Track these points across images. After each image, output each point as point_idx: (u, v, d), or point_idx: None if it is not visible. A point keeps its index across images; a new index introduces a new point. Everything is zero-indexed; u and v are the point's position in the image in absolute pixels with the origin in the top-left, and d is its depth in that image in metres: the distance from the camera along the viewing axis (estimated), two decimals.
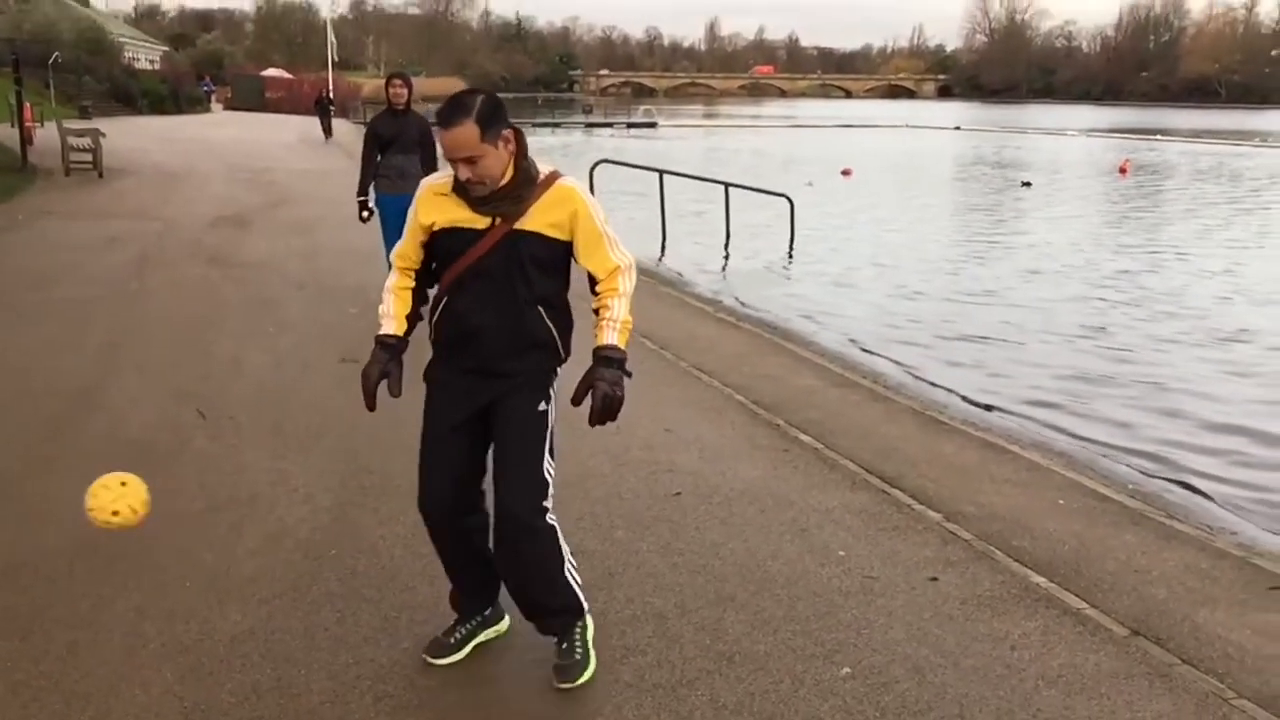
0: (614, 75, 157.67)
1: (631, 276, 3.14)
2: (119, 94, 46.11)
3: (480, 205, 3.00)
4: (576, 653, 3.25)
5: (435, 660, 3.30)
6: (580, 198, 3.06)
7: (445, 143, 2.89)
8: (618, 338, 3.06)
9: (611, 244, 3.09)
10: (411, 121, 8.26)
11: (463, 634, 3.37)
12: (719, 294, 11.68)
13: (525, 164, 3.02)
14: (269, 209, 15.72)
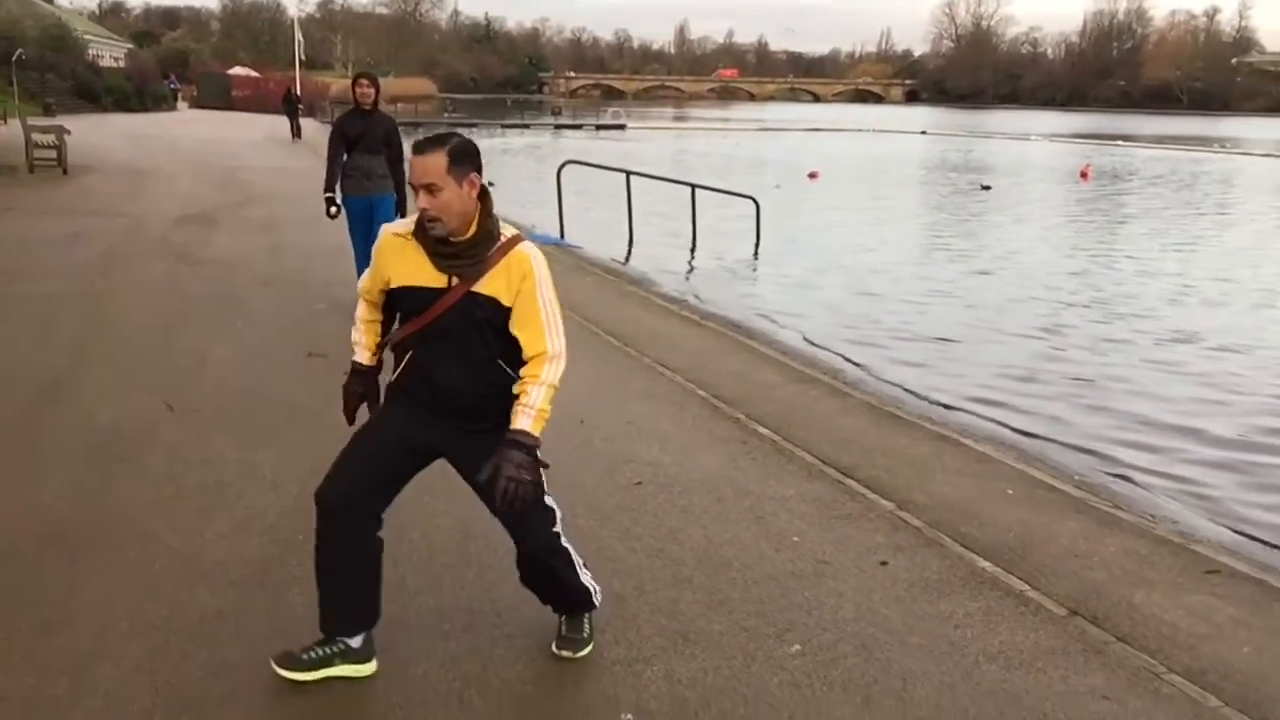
0: (583, 77, 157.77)
1: (558, 367, 3.04)
2: (83, 91, 45.73)
3: (440, 261, 2.99)
4: (583, 631, 3.46)
5: (281, 670, 3.14)
6: (534, 268, 3.01)
7: (414, 168, 2.91)
8: (532, 425, 2.97)
9: (549, 325, 3.04)
10: (378, 121, 8.27)
11: (317, 655, 3.18)
12: (684, 293, 11.82)
13: (489, 222, 3.01)
14: (236, 207, 15.72)
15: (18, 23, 49.02)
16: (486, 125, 57.44)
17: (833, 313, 11.20)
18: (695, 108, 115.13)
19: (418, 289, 3.02)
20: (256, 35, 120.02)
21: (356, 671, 3.20)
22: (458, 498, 4.67)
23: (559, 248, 13.99)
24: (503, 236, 3.03)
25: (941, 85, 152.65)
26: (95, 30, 69.67)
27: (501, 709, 3.12)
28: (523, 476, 2.93)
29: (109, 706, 3.03)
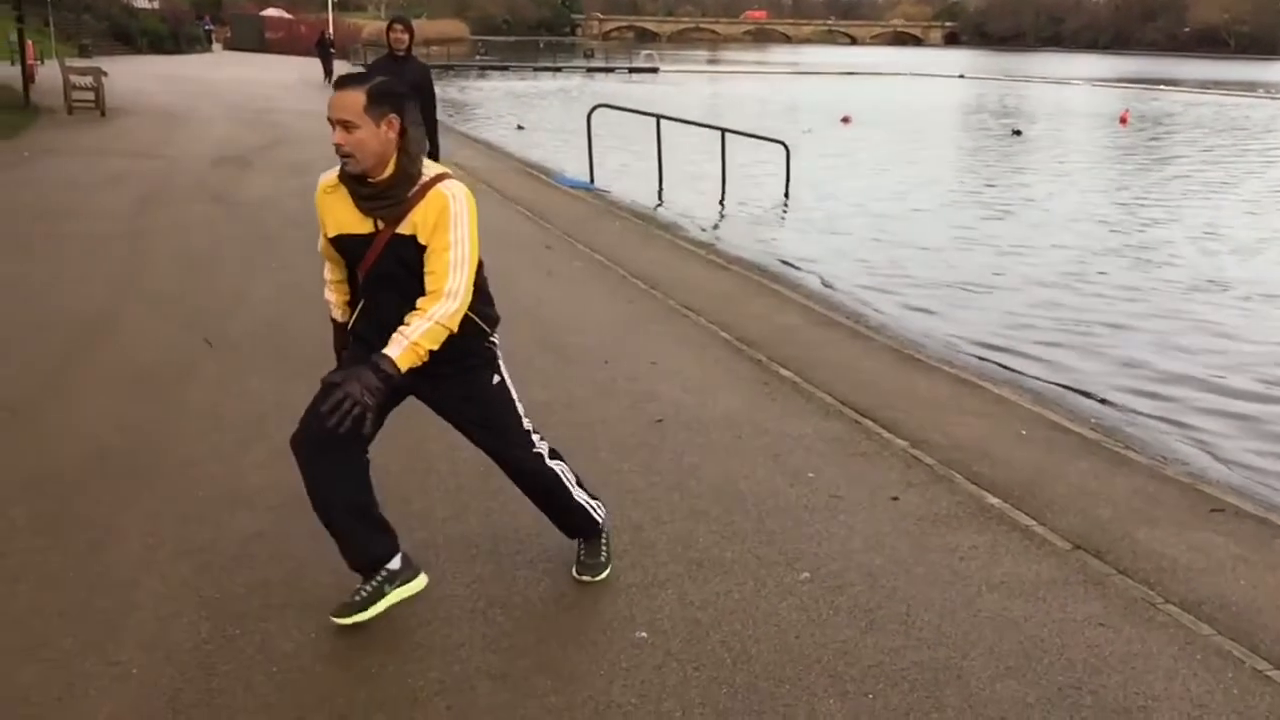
0: (616, 19, 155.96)
1: (450, 305, 2.95)
2: (118, 33, 45.92)
3: (361, 204, 3.01)
4: (601, 555, 3.63)
5: (340, 619, 3.17)
6: (449, 203, 2.98)
7: (333, 104, 2.92)
8: (400, 355, 2.89)
9: (455, 264, 2.97)
10: (411, 68, 8.29)
11: (367, 593, 3.21)
12: (711, 238, 11.91)
13: (406, 162, 2.99)
14: (269, 149, 15.89)
15: None
16: (518, 68, 57.17)
17: (858, 258, 11.27)
18: (730, 50, 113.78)
19: (349, 236, 3.06)
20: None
21: (411, 589, 3.27)
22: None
23: (588, 192, 14.09)
24: (425, 176, 3.02)
25: (982, 28, 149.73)
26: None
27: (523, 625, 3.31)
28: (365, 400, 2.81)
29: (157, 619, 3.24)
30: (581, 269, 8.66)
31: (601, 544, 3.66)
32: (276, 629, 3.22)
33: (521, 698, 2.95)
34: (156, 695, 2.88)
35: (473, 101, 35.27)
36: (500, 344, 3.38)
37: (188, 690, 2.91)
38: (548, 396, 5.45)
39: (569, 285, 8.05)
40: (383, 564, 3.24)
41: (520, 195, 12.68)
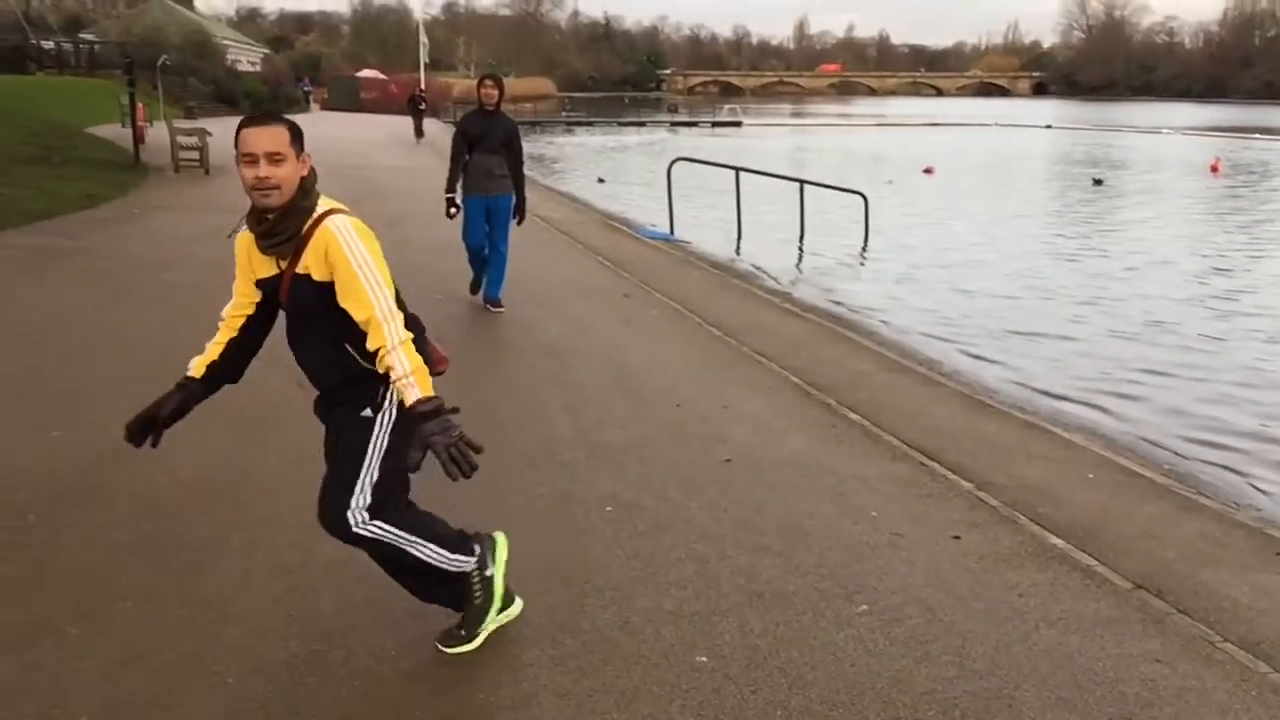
0: (701, 74, 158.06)
1: (395, 325, 2.93)
2: (222, 95, 47.88)
3: (260, 243, 3.04)
4: (460, 631, 3.42)
5: (454, 649, 3.38)
6: (337, 234, 2.95)
7: (257, 138, 2.93)
8: (418, 391, 2.89)
9: (371, 287, 2.94)
10: (500, 123, 8.50)
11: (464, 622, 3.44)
12: (787, 287, 12.07)
13: (299, 196, 2.99)
14: (360, 203, 16.32)
15: (162, 30, 51.69)
16: (603, 123, 58.26)
17: (933, 306, 11.31)
18: (814, 103, 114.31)
19: (264, 280, 3.11)
20: (385, 38, 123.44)
21: (507, 618, 3.49)
22: (558, 470, 5.10)
23: (668, 243, 14.37)
24: (318, 211, 3.01)
25: (1071, 78, 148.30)
26: (233, 36, 72.74)
27: (588, 648, 3.47)
28: (450, 437, 2.85)
29: (251, 633, 3.48)
30: (658, 316, 8.88)
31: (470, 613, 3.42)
32: (359, 646, 3.43)
33: (585, 714, 3.11)
34: (249, 703, 3.11)
35: (557, 156, 36.05)
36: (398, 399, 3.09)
37: (277, 700, 3.13)
38: (622, 437, 5.65)
39: (645, 332, 8.27)
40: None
41: (600, 246, 12.99)
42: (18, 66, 39.27)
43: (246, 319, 3.27)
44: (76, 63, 45.80)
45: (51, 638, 3.42)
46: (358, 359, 3.05)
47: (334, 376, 3.13)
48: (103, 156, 21.29)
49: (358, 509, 3.10)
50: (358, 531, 3.12)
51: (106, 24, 61.76)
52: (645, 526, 4.47)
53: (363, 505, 3.10)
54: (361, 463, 3.10)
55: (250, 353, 3.36)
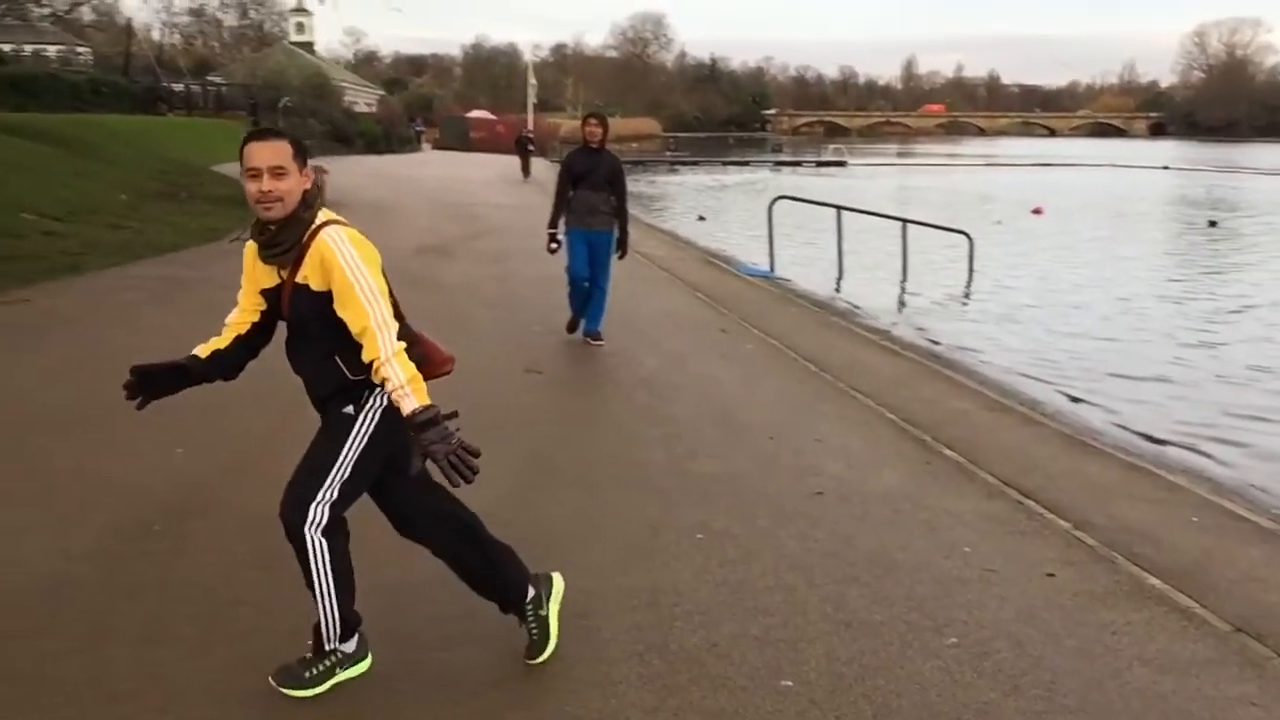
0: (806, 114, 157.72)
1: (388, 335, 2.99)
2: (338, 135, 49.55)
3: (262, 254, 3.12)
4: (311, 669, 3.34)
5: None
6: (333, 246, 3.02)
7: (260, 153, 3.00)
8: (415, 401, 2.95)
9: (366, 298, 3.00)
10: (604, 160, 8.65)
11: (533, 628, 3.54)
12: (887, 325, 11.99)
13: (300, 209, 3.05)
14: (468, 239, 16.93)
15: (284, 73, 53.88)
16: (707, 163, 58.60)
17: (1035, 347, 11.14)
18: (921, 143, 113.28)
19: (266, 290, 3.20)
20: (495, 80, 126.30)
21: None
22: (651, 495, 5.18)
23: (767, 280, 14.42)
24: (317, 222, 3.08)
25: (1191, 118, 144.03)
26: (350, 78, 75.41)
27: (675, 669, 3.54)
28: (449, 445, 2.92)
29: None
30: (754, 351, 8.94)
31: (316, 662, 3.34)
32: (451, 658, 3.56)
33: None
34: (349, 708, 3.25)
35: (660, 194, 36.42)
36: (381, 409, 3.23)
37: (374, 706, 3.27)
38: (714, 468, 5.72)
39: (741, 366, 8.32)
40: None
41: (700, 282, 13.11)
42: (150, 108, 41.25)
43: (251, 326, 3.33)
44: (204, 104, 47.93)
45: (172, 639, 3.62)
46: (346, 372, 3.13)
47: (326, 387, 3.20)
48: (225, 193, 22.22)
49: (323, 502, 3.16)
50: (306, 531, 3.16)
51: (233, 67, 64.66)
52: (735, 554, 4.53)
53: (329, 500, 3.16)
54: (336, 457, 3.18)
55: (251, 354, 3.40)
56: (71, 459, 3.28)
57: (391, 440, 3.21)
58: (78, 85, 38.63)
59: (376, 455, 3.24)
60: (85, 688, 3.33)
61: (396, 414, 3.04)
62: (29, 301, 10.02)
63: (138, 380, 3.25)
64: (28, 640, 3.61)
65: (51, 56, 54.76)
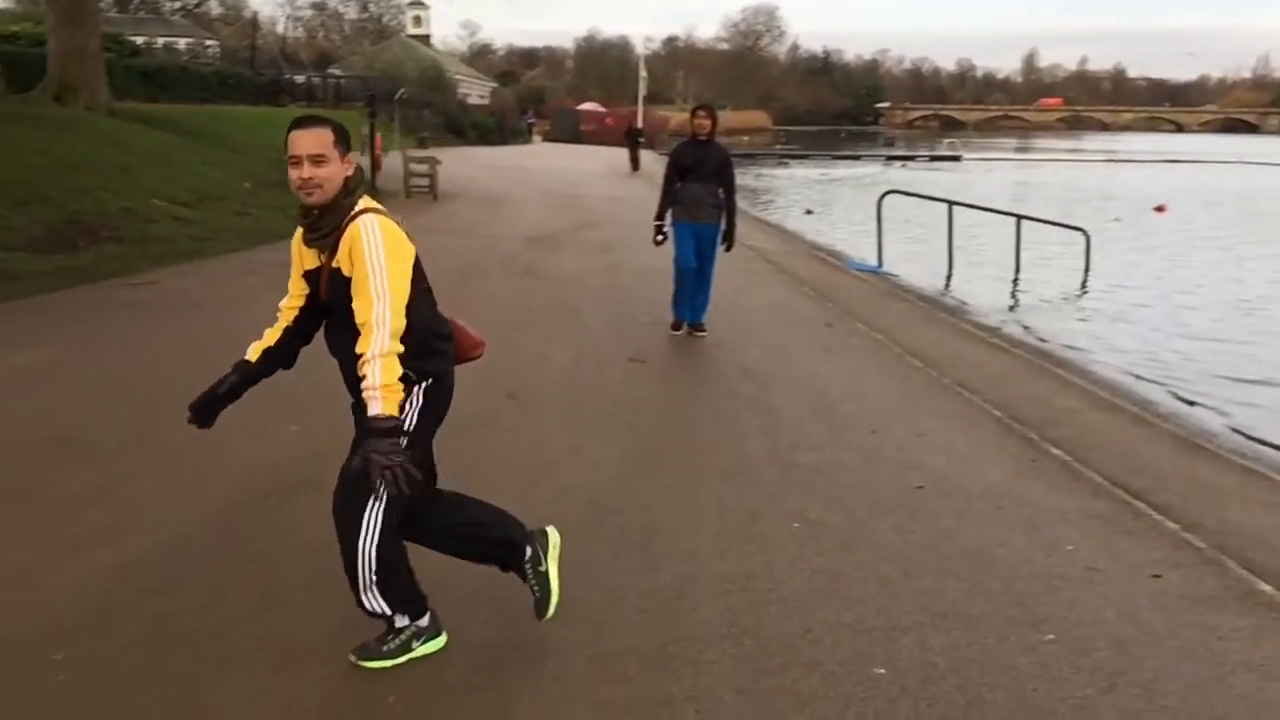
0: (921, 108, 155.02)
1: (382, 334, 2.98)
2: (452, 126, 50.56)
3: (307, 238, 3.20)
4: (386, 644, 3.45)
5: (541, 619, 3.51)
6: (362, 233, 3.06)
7: (302, 141, 3.07)
8: (380, 407, 2.95)
9: (375, 291, 3.01)
10: (713, 152, 8.65)
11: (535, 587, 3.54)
12: (997, 322, 11.79)
13: (340, 195, 3.11)
14: (577, 230, 17.15)
15: (401, 65, 55.13)
16: (817, 156, 58.11)
17: (1154, 348, 10.82)
18: (1040, 138, 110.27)
19: (309, 272, 3.27)
20: (606, 72, 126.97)
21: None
22: (750, 484, 5.24)
23: (875, 275, 14.29)
24: (356, 209, 3.13)
25: None
26: (465, 71, 76.74)
27: (769, 652, 3.60)
28: (392, 460, 2.93)
29: (456, 614, 3.76)
30: (859, 346, 8.89)
31: (392, 637, 3.46)
32: (551, 633, 3.67)
33: (762, 712, 3.24)
34: (453, 672, 3.39)
35: (768, 188, 36.26)
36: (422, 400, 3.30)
37: (478, 672, 3.41)
38: (815, 459, 5.74)
39: (845, 360, 8.30)
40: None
41: (806, 276, 13.07)
42: (273, 99, 42.63)
43: (299, 310, 3.40)
44: (324, 96, 49.29)
45: (287, 604, 3.81)
46: None
47: (356, 370, 3.13)
48: None
49: (373, 511, 3.21)
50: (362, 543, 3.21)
51: (352, 60, 66.32)
52: (831, 544, 4.56)
53: (379, 510, 3.20)
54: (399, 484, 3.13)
55: (304, 341, 3.47)
56: (193, 435, 3.48)
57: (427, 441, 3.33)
58: (205, 77, 40.18)
59: (424, 442, 3.36)
60: (206, 644, 3.53)
61: (437, 400, 3.27)
62: (158, 283, 10.53)
63: (199, 416, 3.40)
64: (156, 598, 3.84)
65: (181, 49, 56.98)
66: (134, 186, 15.63)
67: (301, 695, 3.26)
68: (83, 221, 13.17)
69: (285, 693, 3.27)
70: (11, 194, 13.10)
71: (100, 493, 4.78)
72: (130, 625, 3.63)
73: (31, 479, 5.03)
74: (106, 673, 3.33)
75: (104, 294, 9.96)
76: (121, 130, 19.96)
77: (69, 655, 3.42)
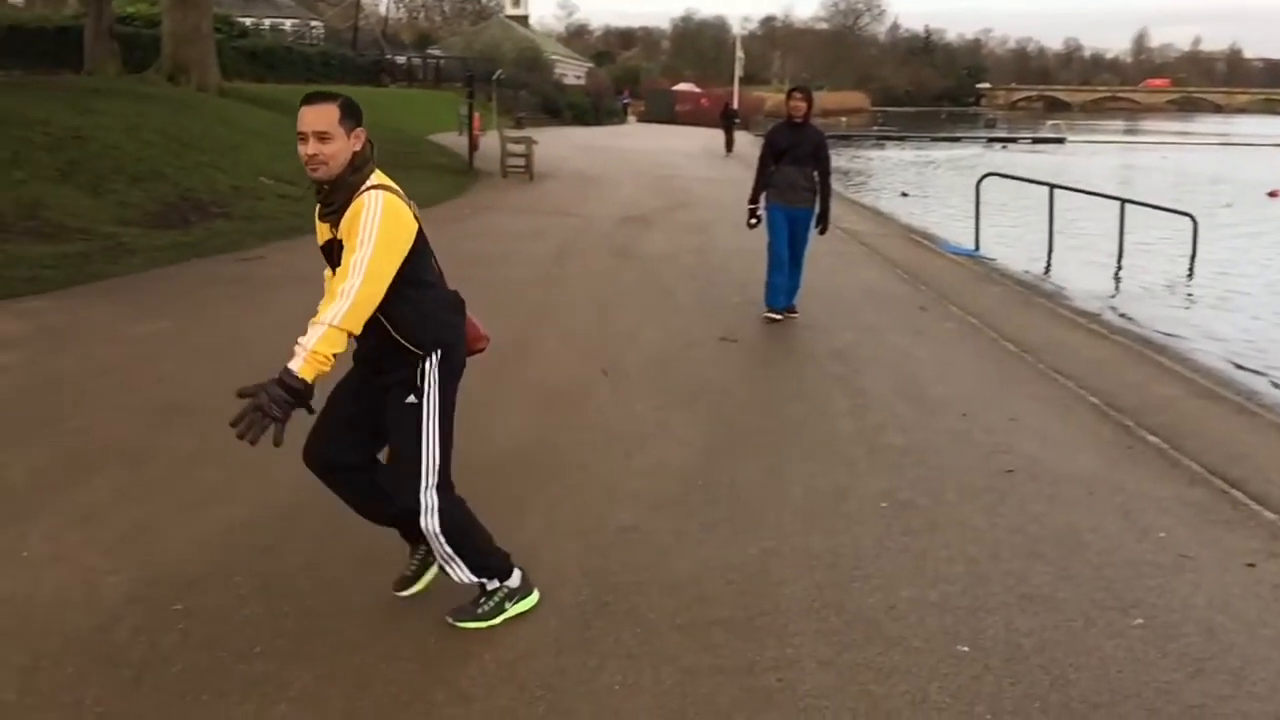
0: (1025, 89, 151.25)
1: (342, 306, 3.02)
2: (547, 106, 50.95)
3: (320, 211, 3.26)
4: (481, 606, 3.58)
5: (399, 593, 3.69)
6: (364, 206, 3.10)
7: (307, 117, 3.09)
8: (299, 365, 2.96)
9: (355, 264, 3.05)
10: (808, 135, 8.62)
11: (415, 565, 3.72)
12: (1097, 308, 11.56)
13: (348, 171, 3.15)
14: (669, 210, 17.23)
15: (499, 46, 55.71)
16: (915, 138, 57.24)
17: (1254, 336, 10.52)
18: (1150, 120, 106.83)
19: (324, 245, 3.30)
20: (703, 52, 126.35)
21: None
22: (837, 463, 5.29)
23: (971, 258, 14.10)
24: (367, 184, 3.17)
25: None
26: (561, 51, 77.15)
27: (852, 626, 3.66)
28: (270, 410, 2.91)
29: (551, 580, 3.90)
30: (952, 329, 8.83)
31: (485, 600, 3.59)
32: (641, 601, 3.79)
33: (844, 683, 3.31)
34: (545, 637, 3.53)
35: (863, 170, 35.87)
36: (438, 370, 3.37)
37: (568, 635, 3.54)
38: (903, 440, 5.76)
39: (937, 343, 8.25)
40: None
41: (900, 258, 12.96)
42: (374, 79, 43.48)
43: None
44: (424, 76, 50.10)
45: (388, 564, 3.94)
46: (390, 329, 3.24)
47: (369, 342, 3.23)
48: (441, 162, 23.32)
49: (428, 489, 3.35)
50: (424, 522, 3.36)
51: (451, 40, 67.17)
52: (918, 524, 4.59)
53: (432, 485, 3.35)
54: (419, 450, 3.33)
55: None
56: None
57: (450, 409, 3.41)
58: (310, 57, 41.18)
59: (450, 407, 3.43)
60: (313, 598, 3.72)
61: (453, 363, 3.38)
62: (264, 258, 10.90)
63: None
64: (266, 556, 4.06)
65: (288, 30, 58.29)
66: (242, 164, 16.16)
67: (400, 647, 3.42)
68: (194, 198, 13.69)
69: (384, 645, 3.43)
70: (130, 171, 13.67)
71: (213, 456, 5.02)
72: (243, 579, 3.85)
73: (151, 442, 5.31)
74: (222, 622, 3.54)
75: (214, 268, 10.36)
76: (231, 109, 20.61)
77: (186, 606, 3.64)
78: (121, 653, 3.32)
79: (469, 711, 3.10)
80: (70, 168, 12.96)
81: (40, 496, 4.53)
